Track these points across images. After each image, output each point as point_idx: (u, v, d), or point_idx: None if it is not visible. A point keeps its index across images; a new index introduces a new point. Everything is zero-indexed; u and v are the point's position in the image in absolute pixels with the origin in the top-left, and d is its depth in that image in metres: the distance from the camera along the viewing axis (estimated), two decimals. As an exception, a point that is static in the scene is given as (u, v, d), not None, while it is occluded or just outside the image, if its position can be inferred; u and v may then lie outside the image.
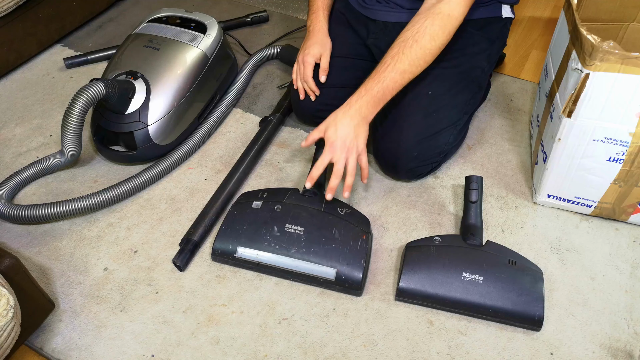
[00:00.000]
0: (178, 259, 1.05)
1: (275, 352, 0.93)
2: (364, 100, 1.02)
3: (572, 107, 0.96)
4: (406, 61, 1.01)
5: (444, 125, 1.14)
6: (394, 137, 1.13)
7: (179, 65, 1.27)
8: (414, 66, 1.02)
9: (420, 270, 0.98)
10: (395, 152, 1.13)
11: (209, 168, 1.26)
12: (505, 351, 0.93)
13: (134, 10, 1.82)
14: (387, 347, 0.94)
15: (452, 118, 1.15)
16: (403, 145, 1.12)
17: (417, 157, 1.13)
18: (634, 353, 0.93)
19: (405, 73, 1.01)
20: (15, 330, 0.80)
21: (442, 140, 1.15)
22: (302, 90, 1.26)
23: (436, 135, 1.13)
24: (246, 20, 1.71)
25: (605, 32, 1.17)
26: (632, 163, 0.98)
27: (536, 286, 0.95)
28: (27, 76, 1.54)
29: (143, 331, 0.97)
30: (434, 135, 1.13)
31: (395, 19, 1.20)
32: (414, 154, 1.13)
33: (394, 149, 1.13)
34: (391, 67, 1.01)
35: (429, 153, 1.14)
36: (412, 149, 1.12)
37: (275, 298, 1.01)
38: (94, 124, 1.24)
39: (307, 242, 1.02)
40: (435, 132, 1.13)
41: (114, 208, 1.18)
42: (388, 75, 1.01)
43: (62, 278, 1.05)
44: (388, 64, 1.02)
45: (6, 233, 1.13)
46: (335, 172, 1.03)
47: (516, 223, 1.13)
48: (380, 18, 1.22)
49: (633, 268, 1.05)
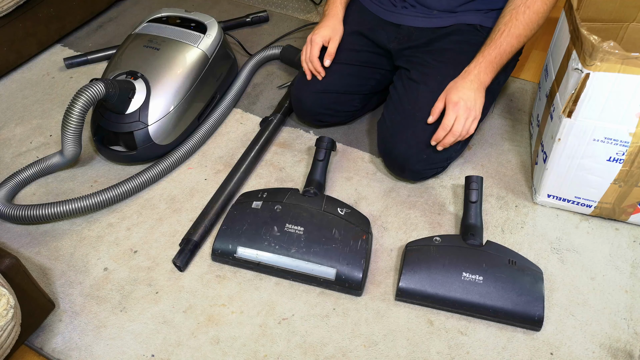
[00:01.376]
0: (178, 259, 1.05)
1: (275, 352, 0.94)
2: (482, 66, 1.07)
3: (572, 107, 0.96)
4: (520, 26, 1.06)
5: None
6: (406, 138, 1.12)
7: (179, 65, 1.27)
8: (529, 29, 1.07)
9: (420, 270, 0.98)
10: (405, 152, 1.13)
11: (209, 168, 1.26)
12: (505, 351, 0.93)
13: (134, 10, 1.82)
14: (387, 347, 0.94)
15: None
16: (415, 147, 1.12)
17: (425, 159, 1.13)
18: (634, 353, 0.93)
19: (520, 37, 1.07)
20: (15, 330, 0.80)
21: (452, 146, 1.15)
22: (308, 71, 1.25)
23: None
24: (246, 20, 1.71)
25: (605, 32, 1.17)
26: (632, 163, 0.98)
27: (536, 286, 0.95)
28: (27, 76, 1.54)
29: (143, 331, 0.97)
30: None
31: (423, 24, 1.20)
32: (424, 156, 1.12)
33: (404, 149, 1.13)
34: (506, 33, 1.06)
35: (437, 157, 1.14)
36: (423, 152, 1.12)
37: (275, 298, 1.01)
38: (94, 124, 1.24)
39: (307, 242, 1.02)
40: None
41: (114, 208, 1.18)
42: (504, 41, 1.06)
43: (62, 278, 1.05)
44: (502, 30, 1.06)
45: (6, 233, 1.13)
46: (453, 131, 1.07)
47: (516, 223, 1.13)
48: (407, 23, 1.21)
49: (633, 268, 1.05)
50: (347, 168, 1.25)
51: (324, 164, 1.16)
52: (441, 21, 1.18)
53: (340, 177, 1.23)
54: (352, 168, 1.25)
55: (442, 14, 1.18)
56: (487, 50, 1.07)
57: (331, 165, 1.25)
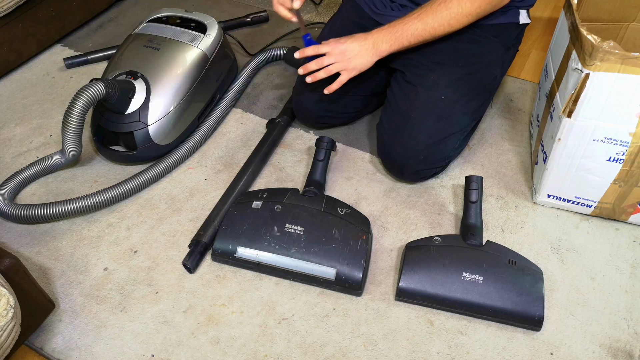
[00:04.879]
0: (188, 261, 1.04)
1: (275, 352, 0.94)
2: (383, 33, 1.07)
3: (572, 107, 0.96)
4: (433, 17, 1.05)
5: (454, 130, 1.14)
6: (404, 139, 1.12)
7: (179, 65, 1.27)
8: (439, 25, 1.06)
9: (420, 270, 0.98)
10: (403, 154, 1.13)
11: (209, 168, 1.26)
12: (505, 351, 0.93)
13: (134, 10, 1.82)
14: (387, 347, 0.94)
15: (462, 124, 1.15)
16: (412, 148, 1.12)
17: (424, 160, 1.13)
18: (634, 353, 0.93)
19: (427, 26, 1.05)
20: (15, 330, 0.80)
21: (449, 145, 1.15)
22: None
23: (445, 140, 1.13)
24: (246, 20, 1.71)
25: (605, 32, 1.17)
26: (632, 163, 0.98)
27: (536, 286, 0.95)
28: (27, 76, 1.54)
29: (143, 331, 0.97)
30: (443, 139, 1.13)
31: None
32: (422, 157, 1.12)
33: (402, 150, 1.13)
34: (418, 18, 1.06)
35: (436, 157, 1.14)
36: (421, 152, 1.12)
37: (275, 298, 1.01)
38: (94, 124, 1.24)
39: (307, 242, 1.02)
40: (445, 136, 1.12)
41: (114, 208, 1.18)
42: (412, 23, 1.06)
43: (62, 278, 1.05)
44: (415, 15, 1.06)
45: (6, 233, 1.13)
46: (319, 60, 1.08)
47: (516, 223, 1.13)
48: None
49: (633, 268, 1.05)
50: (347, 168, 1.25)
51: (324, 164, 1.16)
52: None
53: (340, 177, 1.23)
54: (352, 168, 1.25)
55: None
56: (395, 23, 1.07)
57: (331, 165, 1.25)
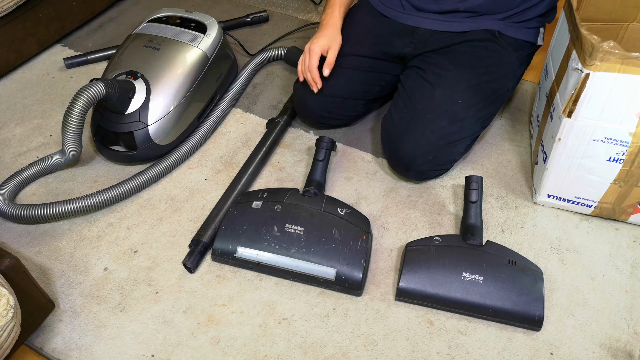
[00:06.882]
0: (189, 261, 1.04)
1: (275, 352, 0.94)
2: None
3: (572, 107, 0.96)
4: None
5: (465, 135, 1.14)
6: (415, 137, 1.12)
7: (179, 65, 1.27)
8: None
9: (420, 270, 0.98)
10: (413, 151, 1.12)
11: (209, 168, 1.26)
12: (505, 351, 0.93)
13: (134, 10, 1.82)
14: (387, 347, 0.94)
15: (473, 130, 1.15)
16: (423, 147, 1.11)
17: (432, 160, 1.13)
18: (634, 353, 0.93)
19: None
20: (15, 330, 0.80)
21: (457, 149, 1.15)
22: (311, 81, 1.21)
23: (455, 143, 1.13)
24: (246, 20, 1.71)
25: (605, 32, 1.17)
26: (632, 163, 0.98)
27: (536, 286, 0.95)
28: (27, 76, 1.54)
29: (143, 331, 0.97)
30: (453, 142, 1.12)
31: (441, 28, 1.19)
32: (430, 157, 1.12)
33: (412, 148, 1.12)
34: None
35: (443, 159, 1.15)
36: (430, 152, 1.12)
37: (275, 298, 1.01)
38: (94, 124, 1.24)
39: (307, 242, 1.02)
40: (455, 140, 1.12)
41: (114, 208, 1.18)
42: None
43: (62, 278, 1.05)
44: None
45: (6, 233, 1.13)
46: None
47: (516, 223, 1.13)
48: (426, 26, 1.20)
49: (633, 268, 1.05)
50: (347, 168, 1.25)
51: (324, 164, 1.16)
52: (460, 25, 1.17)
53: (340, 177, 1.23)
54: (352, 168, 1.25)
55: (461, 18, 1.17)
56: None
57: (331, 165, 1.25)
